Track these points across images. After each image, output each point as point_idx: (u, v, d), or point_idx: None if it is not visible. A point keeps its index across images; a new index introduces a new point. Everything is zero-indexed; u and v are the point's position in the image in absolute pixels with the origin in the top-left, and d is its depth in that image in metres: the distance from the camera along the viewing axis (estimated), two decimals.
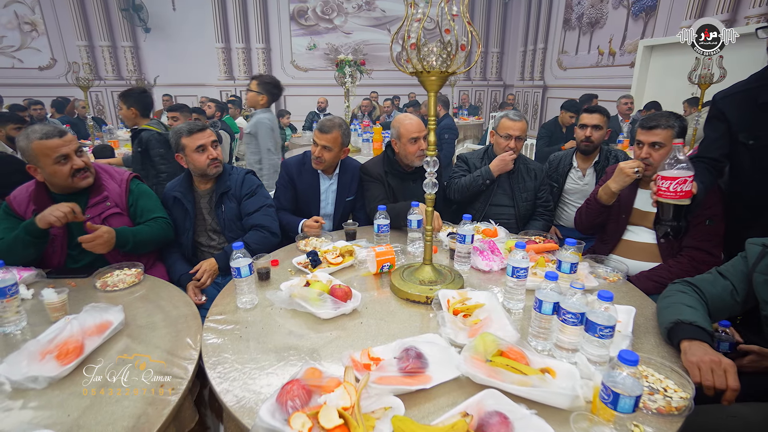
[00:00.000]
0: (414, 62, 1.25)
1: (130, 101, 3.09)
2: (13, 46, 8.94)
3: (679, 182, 1.38)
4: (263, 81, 3.28)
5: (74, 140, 1.73)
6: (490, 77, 10.85)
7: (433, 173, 1.42)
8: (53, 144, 1.64)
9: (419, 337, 1.18)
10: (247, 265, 1.36)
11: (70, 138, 1.71)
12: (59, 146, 1.65)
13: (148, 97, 3.22)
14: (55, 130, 1.68)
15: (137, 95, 3.14)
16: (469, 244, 1.65)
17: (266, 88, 3.27)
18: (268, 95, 3.28)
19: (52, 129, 1.68)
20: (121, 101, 3.13)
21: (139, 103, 3.11)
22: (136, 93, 3.15)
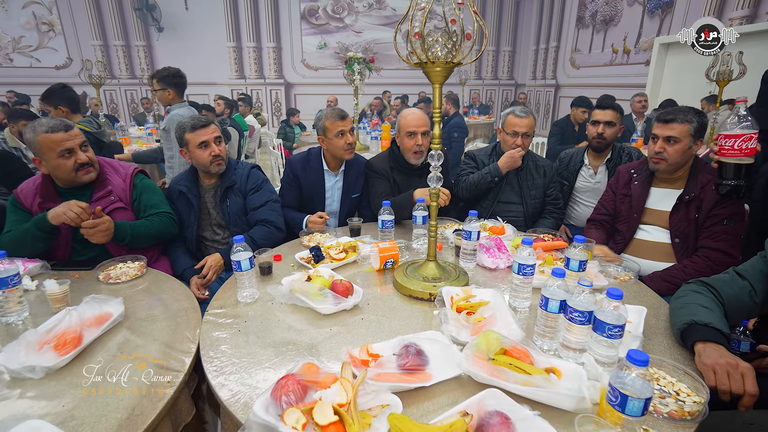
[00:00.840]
0: (418, 52, 1.22)
1: (56, 101, 2.90)
2: (31, 46, 9.12)
3: (744, 139, 1.40)
4: (161, 76, 3.09)
5: (79, 135, 1.73)
6: (502, 76, 10.75)
7: (437, 167, 1.39)
8: (58, 138, 1.65)
9: (420, 334, 1.15)
10: (248, 258, 1.34)
11: (76, 132, 1.71)
12: (64, 140, 1.66)
13: (73, 92, 3.04)
14: (60, 124, 1.68)
15: (61, 92, 2.95)
16: (475, 241, 1.62)
17: (167, 81, 3.08)
18: (172, 87, 3.10)
19: (58, 123, 1.68)
20: (46, 104, 2.90)
21: (67, 100, 2.95)
22: (58, 90, 2.94)
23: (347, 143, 2.17)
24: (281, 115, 9.87)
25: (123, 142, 4.80)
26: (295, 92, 10.01)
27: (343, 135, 2.16)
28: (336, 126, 2.15)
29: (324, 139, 2.21)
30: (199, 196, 1.99)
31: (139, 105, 9.51)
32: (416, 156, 2.15)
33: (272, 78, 9.75)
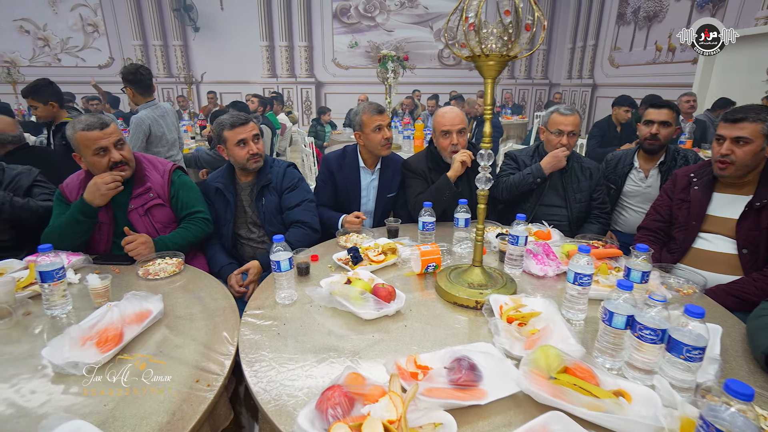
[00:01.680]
0: (472, 45, 1.15)
1: (45, 96, 2.86)
2: (77, 46, 9.54)
3: None
4: (123, 76, 3.06)
5: (115, 133, 1.71)
6: (536, 75, 10.47)
7: (487, 167, 1.31)
8: (93, 136, 1.66)
9: (470, 345, 1.07)
10: (287, 259, 1.30)
11: (111, 131, 1.70)
12: (98, 138, 1.66)
13: (58, 87, 2.98)
14: (97, 122, 1.67)
15: (49, 87, 2.90)
16: (522, 247, 1.52)
17: (126, 80, 3.05)
18: (131, 86, 3.06)
19: (95, 120, 1.68)
20: (33, 99, 2.84)
21: (56, 95, 2.92)
22: (46, 85, 2.89)
23: (385, 138, 2.12)
24: (311, 113, 9.94)
25: None
26: (325, 91, 10.06)
27: (380, 130, 2.11)
28: (374, 120, 2.10)
29: (361, 135, 2.17)
30: (235, 193, 1.97)
31: (175, 103, 9.79)
32: (451, 156, 2.07)
33: (303, 77, 9.83)
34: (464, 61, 5.08)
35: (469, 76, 10.25)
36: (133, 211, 1.80)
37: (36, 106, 2.88)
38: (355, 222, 1.93)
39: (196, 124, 5.85)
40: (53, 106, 2.92)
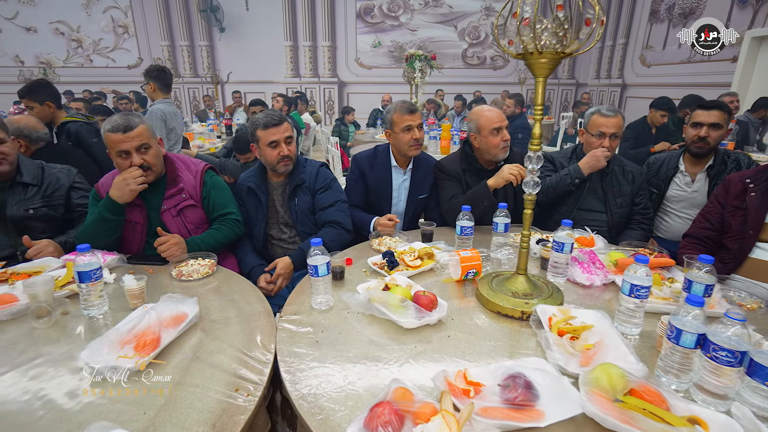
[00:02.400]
0: (526, 41, 1.08)
1: (42, 97, 2.82)
2: (108, 47, 9.81)
3: None
4: (147, 71, 3.32)
5: (139, 137, 1.66)
6: (561, 75, 10.24)
7: (536, 170, 1.24)
8: (116, 138, 1.63)
9: (522, 360, 1.01)
10: (325, 263, 1.26)
11: (135, 134, 1.65)
12: (120, 141, 1.63)
13: (55, 87, 2.95)
14: (121, 125, 1.63)
15: (46, 87, 2.85)
16: (567, 254, 1.45)
17: (150, 75, 3.28)
18: (153, 80, 3.28)
19: (121, 122, 1.64)
20: (30, 100, 2.79)
21: (52, 95, 2.87)
22: (44, 85, 2.85)
23: (414, 138, 2.07)
24: (333, 113, 9.96)
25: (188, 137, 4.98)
26: (348, 91, 10.06)
27: (410, 130, 2.06)
28: (404, 120, 2.05)
29: (391, 133, 2.13)
30: (267, 193, 1.95)
31: (200, 102, 9.95)
32: (504, 151, 2.01)
33: (326, 77, 9.85)
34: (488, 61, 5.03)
35: (493, 76, 10.11)
36: (165, 212, 1.79)
37: (32, 106, 2.84)
38: (388, 225, 1.89)
39: (222, 123, 5.91)
40: (50, 107, 2.87)
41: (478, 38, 9.91)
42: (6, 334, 1.19)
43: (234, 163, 3.51)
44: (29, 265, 1.57)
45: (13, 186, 1.80)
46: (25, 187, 1.82)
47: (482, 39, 9.93)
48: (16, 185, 1.80)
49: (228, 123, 5.65)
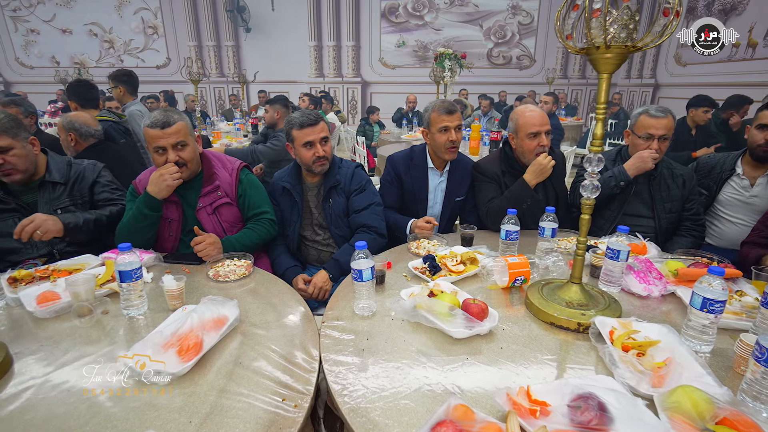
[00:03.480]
0: (594, 34, 1.00)
1: (68, 95, 3.00)
2: (138, 48, 10.05)
3: None
4: (114, 75, 3.40)
5: (176, 134, 1.64)
6: (590, 75, 9.96)
7: (594, 174, 1.16)
8: (153, 134, 1.63)
9: (587, 378, 0.93)
10: (370, 268, 1.21)
11: (172, 131, 1.63)
12: (157, 138, 1.63)
13: (85, 88, 3.10)
14: (160, 121, 1.62)
15: (73, 88, 3.02)
16: (623, 262, 1.35)
17: (118, 79, 3.37)
18: (123, 85, 3.38)
19: (159, 118, 1.63)
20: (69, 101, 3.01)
21: (77, 95, 3.03)
22: (72, 87, 3.03)
23: (449, 140, 1.99)
24: (356, 113, 9.95)
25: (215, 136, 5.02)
26: (371, 90, 10.03)
27: (446, 131, 1.99)
28: (441, 120, 1.98)
29: (427, 133, 2.07)
30: (302, 194, 1.92)
31: (226, 102, 10.09)
32: None
33: (350, 76, 9.85)
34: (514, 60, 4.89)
35: (519, 75, 9.92)
36: (201, 210, 1.77)
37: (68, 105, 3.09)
38: (426, 228, 1.82)
39: (248, 122, 5.95)
40: (72, 106, 3.04)
41: (504, 37, 9.73)
42: (48, 332, 1.19)
43: (265, 145, 3.52)
44: (69, 262, 1.57)
45: (42, 185, 1.76)
46: (54, 186, 1.78)
47: (508, 38, 9.76)
48: (45, 184, 1.76)
49: (254, 122, 5.68)
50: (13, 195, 1.72)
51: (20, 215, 1.71)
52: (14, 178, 1.67)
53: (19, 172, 1.66)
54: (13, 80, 9.95)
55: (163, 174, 1.62)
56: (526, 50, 9.85)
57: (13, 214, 1.71)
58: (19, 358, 1.06)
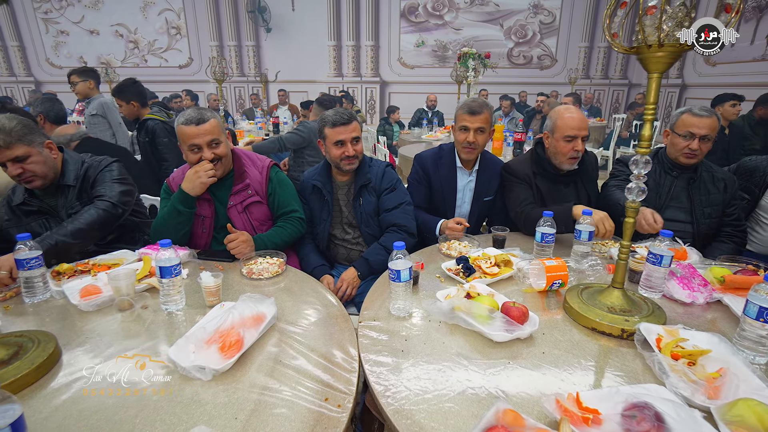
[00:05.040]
0: (648, 32, 0.97)
1: (128, 96, 3.12)
2: (161, 48, 10.24)
3: None
4: (84, 71, 3.55)
5: (211, 132, 1.65)
6: (613, 75, 9.77)
7: (641, 176, 1.13)
8: (188, 131, 1.64)
9: (638, 387, 0.91)
10: (408, 268, 1.20)
11: (208, 129, 1.64)
12: (193, 135, 1.64)
13: (142, 87, 3.24)
14: (194, 117, 1.64)
15: (133, 87, 3.15)
16: (666, 267, 1.32)
17: (88, 75, 3.51)
18: (92, 79, 3.55)
19: (194, 115, 1.64)
20: (118, 99, 3.14)
21: (138, 94, 3.16)
22: (130, 86, 3.15)
23: (466, 140, 1.97)
24: (375, 113, 9.96)
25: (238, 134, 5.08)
26: (390, 90, 10.02)
27: (465, 131, 1.97)
28: (462, 119, 1.97)
29: (453, 130, 2.05)
30: (332, 192, 1.92)
31: (246, 101, 10.21)
32: (571, 162, 1.88)
33: (368, 76, 9.85)
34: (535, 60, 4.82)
35: (539, 75, 9.78)
36: (232, 208, 1.79)
37: (121, 104, 3.17)
38: (457, 229, 1.80)
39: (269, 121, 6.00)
40: (134, 106, 3.14)
41: (525, 37, 9.61)
42: (92, 324, 1.21)
43: (291, 132, 3.57)
44: (108, 257, 1.61)
45: (58, 189, 1.75)
46: (68, 189, 1.75)
47: (529, 38, 9.63)
48: (61, 188, 1.75)
49: (275, 121, 5.73)
50: (37, 198, 1.75)
51: (45, 217, 1.75)
52: (35, 184, 1.67)
53: (39, 178, 1.66)
54: (43, 80, 10.25)
55: (198, 171, 1.64)
56: (548, 50, 9.71)
57: (38, 216, 1.75)
58: (67, 349, 1.08)
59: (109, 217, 1.70)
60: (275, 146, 3.48)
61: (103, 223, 1.68)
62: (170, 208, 1.68)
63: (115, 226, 1.79)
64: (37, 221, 1.73)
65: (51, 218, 1.74)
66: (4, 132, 1.55)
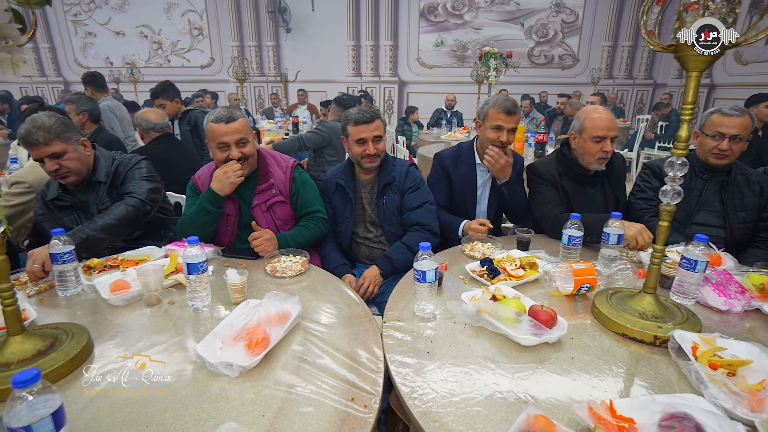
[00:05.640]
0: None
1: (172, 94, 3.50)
2: (184, 48, 10.45)
3: None
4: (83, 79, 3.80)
5: (240, 131, 1.68)
6: (638, 75, 9.53)
7: (677, 178, 1.09)
8: (218, 129, 1.67)
9: (676, 397, 0.87)
10: (434, 270, 1.19)
11: (237, 128, 1.67)
12: (222, 134, 1.66)
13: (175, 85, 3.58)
14: (224, 116, 1.67)
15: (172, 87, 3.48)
16: (700, 273, 1.27)
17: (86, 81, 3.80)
18: (90, 86, 3.79)
19: (223, 114, 1.67)
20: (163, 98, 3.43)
21: (177, 93, 3.54)
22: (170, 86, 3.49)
23: (500, 140, 1.94)
24: (393, 112, 9.95)
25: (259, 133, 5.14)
26: (408, 90, 10.00)
27: (499, 130, 1.94)
28: (497, 118, 1.93)
29: (481, 125, 2.03)
30: (356, 190, 1.92)
31: (265, 101, 10.33)
32: (600, 162, 1.84)
33: (387, 76, 9.85)
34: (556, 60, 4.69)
35: (561, 75, 9.62)
36: (256, 207, 1.81)
37: (164, 104, 3.39)
38: (480, 230, 1.79)
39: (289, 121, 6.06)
40: (177, 102, 3.46)
41: (546, 36, 9.46)
42: (121, 318, 1.24)
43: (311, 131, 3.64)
44: (135, 252, 1.64)
45: (90, 185, 1.79)
46: (99, 185, 1.80)
47: (550, 37, 9.48)
48: (92, 184, 1.79)
49: (295, 121, 5.78)
50: (70, 193, 1.80)
51: (78, 213, 1.80)
52: (70, 180, 1.73)
53: (74, 174, 1.72)
54: (72, 80, 10.57)
55: (227, 172, 1.67)
56: (569, 49, 9.54)
57: (71, 211, 1.80)
58: (98, 342, 1.11)
59: (138, 213, 1.74)
60: (295, 145, 3.51)
61: (131, 219, 1.71)
62: (198, 206, 1.71)
63: (143, 223, 1.82)
64: (69, 216, 1.78)
65: (82, 213, 1.79)
66: (43, 129, 1.61)
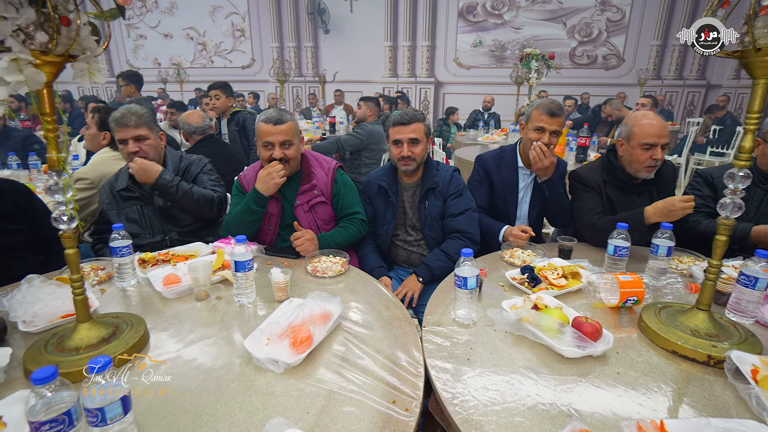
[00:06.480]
0: (758, 34, 0.89)
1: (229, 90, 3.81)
2: (226, 49, 10.83)
3: None
4: (126, 74, 4.05)
5: (286, 133, 1.74)
6: (689, 75, 9.01)
7: (738, 191, 1.04)
8: (265, 129, 1.74)
9: (734, 422, 0.83)
10: (475, 276, 1.19)
11: (283, 129, 1.73)
12: (268, 134, 1.73)
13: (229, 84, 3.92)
14: (274, 117, 1.73)
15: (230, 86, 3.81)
16: (761, 291, 1.20)
17: (130, 79, 4.00)
18: (134, 84, 4.01)
19: (272, 115, 1.74)
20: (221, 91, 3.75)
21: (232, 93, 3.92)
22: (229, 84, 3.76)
23: (543, 142, 1.89)
24: (428, 113, 9.91)
25: None
26: (444, 91, 9.93)
27: (541, 132, 1.90)
28: (540, 120, 1.90)
29: (524, 127, 2.01)
30: (397, 193, 1.94)
31: (303, 101, 10.55)
32: (649, 170, 1.77)
33: (423, 76, 9.82)
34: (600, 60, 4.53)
35: (604, 76, 9.26)
36: (298, 207, 1.86)
37: (219, 96, 3.76)
38: (522, 237, 1.76)
39: (326, 121, 6.16)
40: (230, 100, 3.80)
41: (590, 35, 9.13)
42: (173, 311, 1.31)
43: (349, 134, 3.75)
44: (184, 248, 1.72)
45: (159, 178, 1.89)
46: None
47: (594, 36, 9.14)
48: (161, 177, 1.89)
49: (332, 121, 5.87)
50: (137, 185, 1.92)
51: (140, 203, 1.92)
52: None
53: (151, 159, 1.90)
54: None
55: (270, 173, 1.72)
56: (614, 49, 9.16)
57: (137, 201, 1.92)
58: (153, 333, 1.18)
59: (212, 204, 1.98)
60: (333, 147, 3.58)
61: (205, 204, 1.95)
62: (244, 206, 1.78)
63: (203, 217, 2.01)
64: (132, 207, 1.91)
65: (145, 205, 1.92)
66: (136, 115, 1.87)
